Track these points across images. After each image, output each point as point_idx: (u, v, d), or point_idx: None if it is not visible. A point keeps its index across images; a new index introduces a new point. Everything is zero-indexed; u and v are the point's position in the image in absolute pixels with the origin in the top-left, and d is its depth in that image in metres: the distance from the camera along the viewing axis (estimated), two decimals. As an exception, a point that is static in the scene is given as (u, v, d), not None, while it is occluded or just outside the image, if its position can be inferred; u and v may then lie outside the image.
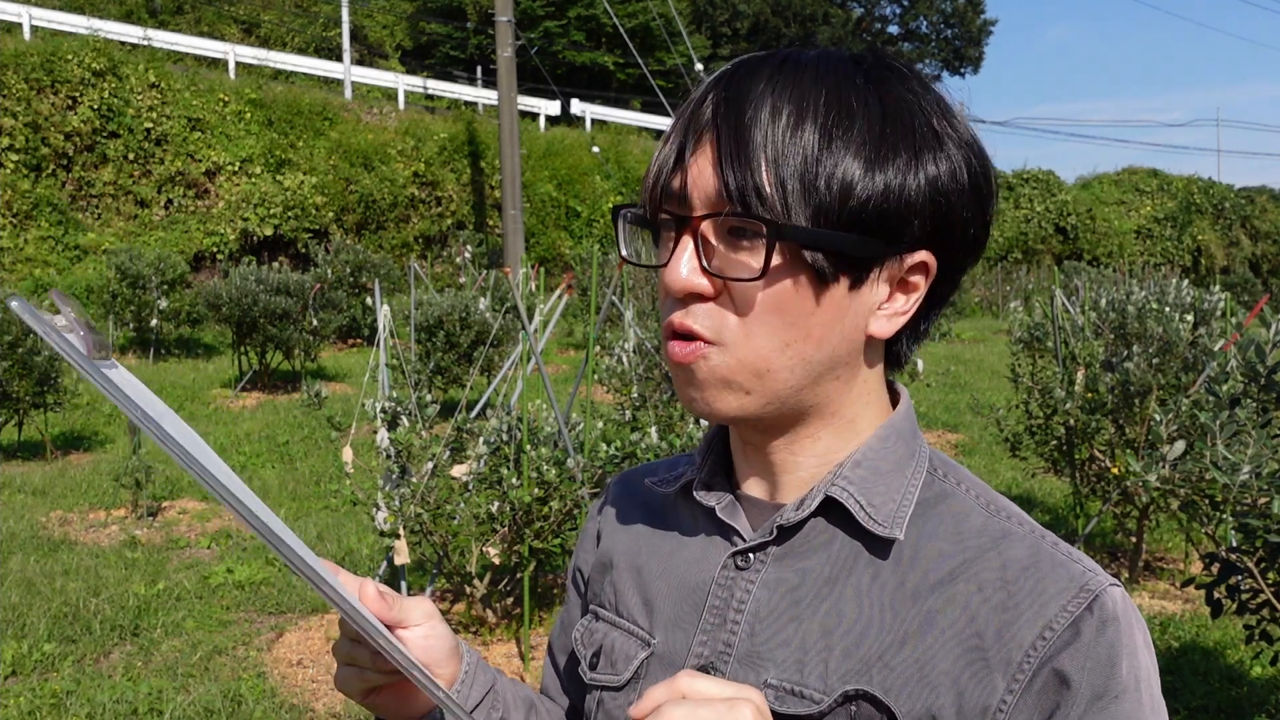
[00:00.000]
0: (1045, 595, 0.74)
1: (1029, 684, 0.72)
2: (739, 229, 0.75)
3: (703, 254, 0.77)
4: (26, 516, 6.59)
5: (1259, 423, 2.92)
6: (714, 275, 0.76)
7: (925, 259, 0.78)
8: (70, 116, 16.21)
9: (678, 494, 0.92)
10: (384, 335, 5.04)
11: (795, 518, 0.81)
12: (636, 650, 0.88)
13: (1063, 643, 0.72)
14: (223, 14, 25.94)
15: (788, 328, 0.76)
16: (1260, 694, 4.16)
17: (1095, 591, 0.74)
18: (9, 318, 8.16)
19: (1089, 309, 6.57)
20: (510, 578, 4.78)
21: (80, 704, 4.01)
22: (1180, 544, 6.02)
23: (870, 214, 0.74)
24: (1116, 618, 0.74)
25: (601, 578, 0.96)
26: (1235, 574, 2.95)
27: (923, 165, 0.76)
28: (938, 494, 0.82)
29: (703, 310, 0.77)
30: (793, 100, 0.75)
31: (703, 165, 0.76)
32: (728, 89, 0.77)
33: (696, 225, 0.77)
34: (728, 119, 0.75)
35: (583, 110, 25.85)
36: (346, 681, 0.84)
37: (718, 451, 0.91)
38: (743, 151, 0.74)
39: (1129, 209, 31.72)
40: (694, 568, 0.87)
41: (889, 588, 0.78)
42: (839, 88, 0.75)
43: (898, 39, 45.82)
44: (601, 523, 1.01)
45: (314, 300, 12.12)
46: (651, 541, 0.93)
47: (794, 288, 0.76)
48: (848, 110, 0.75)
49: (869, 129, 0.74)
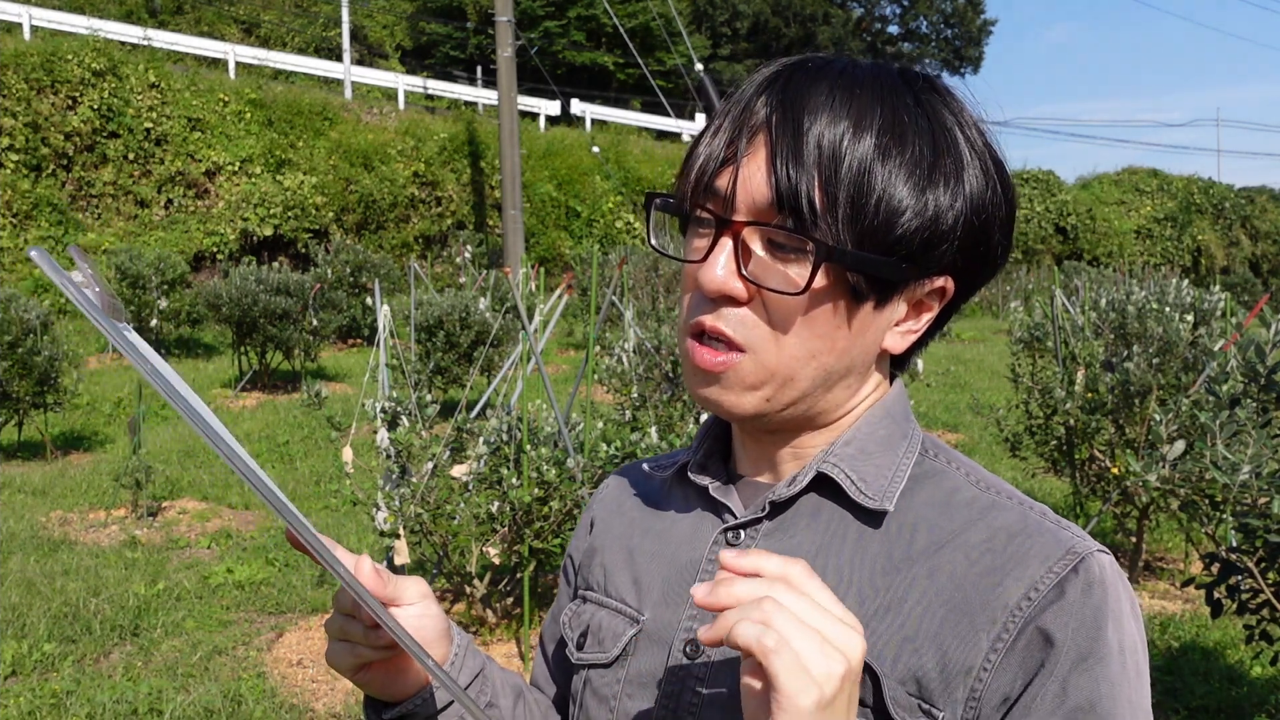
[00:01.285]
0: (1030, 557, 0.75)
1: (1013, 643, 0.73)
2: (781, 242, 0.76)
3: (740, 258, 0.77)
4: (26, 516, 6.59)
5: (1259, 423, 2.92)
6: (751, 282, 0.77)
7: (945, 285, 0.81)
8: (70, 116, 16.21)
9: (673, 478, 0.94)
10: (384, 335, 5.04)
11: (787, 493, 0.82)
12: (625, 628, 0.89)
13: (1047, 602, 0.73)
14: (223, 14, 25.93)
15: (816, 340, 0.78)
16: (1260, 694, 4.16)
17: (1081, 554, 0.74)
18: (9, 317, 8.16)
19: (1089, 309, 6.57)
20: (510, 578, 4.78)
21: (80, 704, 4.01)
22: (1180, 544, 6.02)
23: (909, 241, 0.76)
24: (1104, 581, 0.74)
25: (591, 561, 0.98)
26: (1235, 574, 2.95)
27: (962, 194, 0.77)
28: (928, 471, 0.83)
29: (735, 315, 0.78)
30: (851, 116, 0.75)
31: (753, 169, 0.76)
32: (784, 94, 0.77)
33: (739, 230, 0.76)
34: (784, 126, 0.75)
35: (583, 110, 25.85)
36: (338, 656, 0.84)
37: (715, 436, 0.92)
38: (799, 163, 0.74)
39: (1129, 209, 31.71)
40: (685, 546, 0.88)
41: (878, 558, 0.79)
42: (895, 109, 0.76)
43: (898, 39, 45.80)
44: (595, 511, 1.02)
45: (314, 300, 12.12)
46: (644, 523, 0.94)
47: (829, 305, 0.77)
48: (901, 133, 0.75)
49: (919, 155, 0.75)
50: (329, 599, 5.20)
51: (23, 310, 8.32)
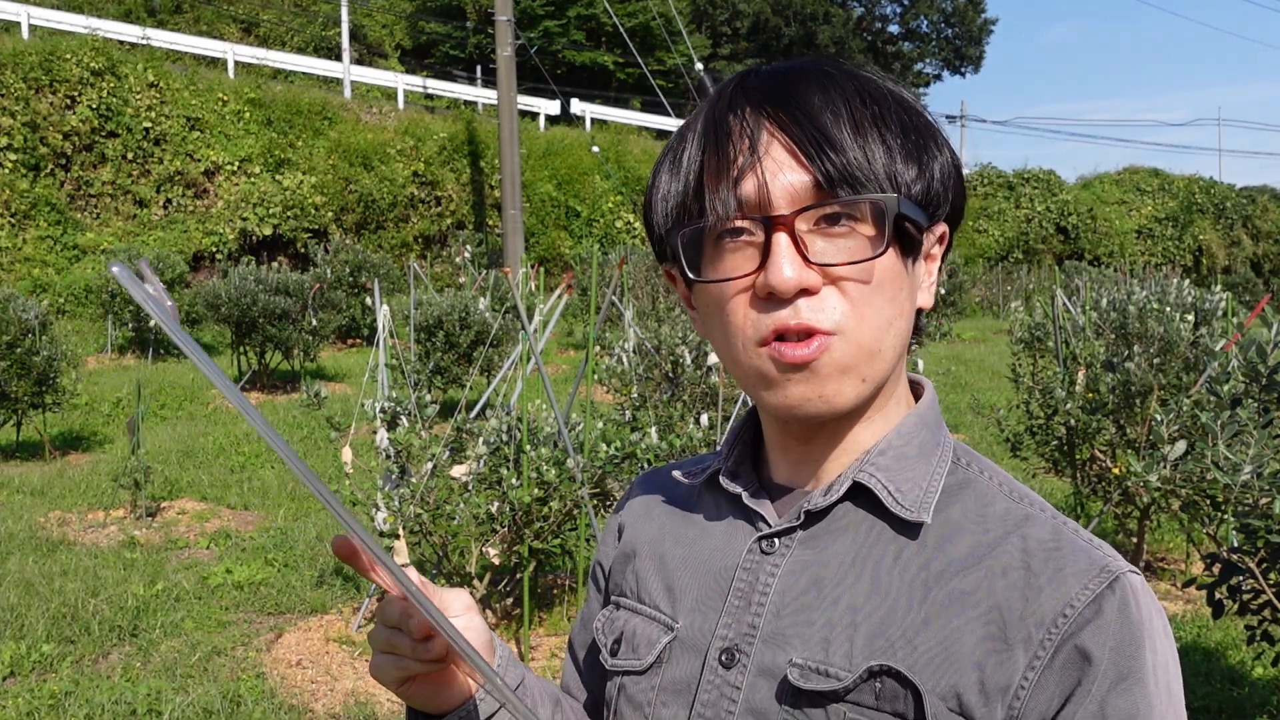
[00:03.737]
0: (1066, 575, 0.75)
1: (1050, 660, 0.72)
2: (834, 215, 0.76)
3: (802, 248, 0.76)
4: (25, 517, 6.58)
5: (1260, 423, 2.91)
6: (824, 266, 0.76)
7: (944, 231, 0.84)
8: (69, 116, 16.20)
9: (703, 485, 0.94)
10: (384, 335, 5.03)
11: (823, 503, 0.82)
12: (659, 635, 0.89)
13: (1084, 620, 0.72)
14: (222, 13, 25.93)
15: (889, 305, 0.78)
16: (1261, 695, 4.15)
17: (1116, 573, 0.74)
18: (8, 317, 8.15)
19: (1090, 309, 6.56)
20: (510, 578, 4.77)
21: (79, 705, 4.00)
22: (1181, 544, 6.01)
23: (932, 191, 0.79)
24: (1139, 602, 0.74)
25: (623, 568, 0.98)
26: (1236, 574, 2.95)
27: (943, 147, 0.82)
28: (961, 481, 0.83)
29: (814, 305, 0.76)
30: (838, 87, 0.78)
31: (778, 163, 0.76)
32: (762, 96, 0.78)
33: (791, 222, 0.76)
34: (792, 115, 0.76)
35: (583, 110, 25.85)
36: (383, 669, 0.83)
37: (745, 442, 0.92)
38: (830, 140, 0.75)
39: (1130, 209, 31.72)
40: (718, 554, 0.88)
41: (913, 570, 0.79)
42: (864, 82, 0.80)
43: (898, 39, 45.81)
44: (624, 518, 1.02)
45: (313, 300, 12.11)
46: (675, 530, 0.94)
47: (891, 267, 0.78)
48: (882, 99, 0.79)
49: (904, 116, 0.79)
50: (328, 600, 5.20)
51: (21, 310, 8.31)
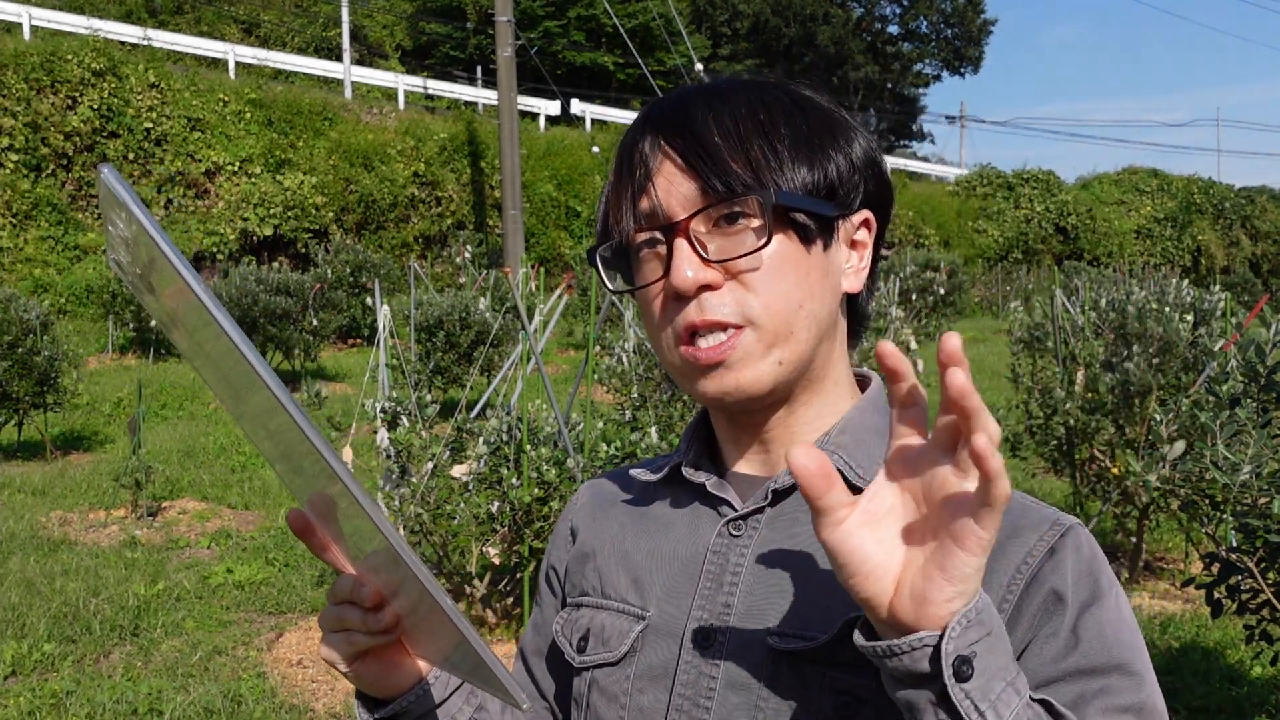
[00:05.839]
0: (1023, 529, 0.81)
1: (1018, 604, 0.78)
2: (731, 215, 0.82)
3: (698, 249, 0.82)
4: (26, 516, 6.59)
5: (1259, 423, 2.91)
6: (719, 262, 0.82)
7: (868, 216, 0.89)
8: (70, 116, 16.20)
9: (662, 480, 0.96)
10: (384, 335, 5.04)
11: (789, 481, 0.86)
12: (630, 625, 0.90)
13: (1044, 564, 0.79)
14: (223, 14, 25.94)
15: (796, 288, 0.83)
16: (1260, 694, 4.15)
17: (1067, 525, 0.81)
18: (9, 317, 8.15)
19: (1089, 309, 6.57)
20: (510, 578, 4.78)
21: (80, 704, 4.01)
22: (1180, 544, 6.02)
23: (831, 181, 0.84)
24: (1090, 544, 0.81)
25: (581, 568, 0.98)
26: (1235, 574, 2.95)
27: (852, 143, 0.87)
28: None
29: (717, 299, 0.82)
30: (728, 105, 0.84)
31: (669, 178, 0.83)
32: (658, 123, 0.85)
33: (686, 226, 0.82)
34: (680, 134, 0.83)
35: (583, 110, 25.85)
36: (333, 646, 0.84)
37: (702, 439, 0.96)
38: (709, 150, 0.82)
39: (1129, 209, 31.72)
40: (685, 542, 0.91)
41: None
42: (758, 92, 0.86)
43: (898, 39, 45.81)
44: (575, 521, 1.03)
45: (314, 300, 12.12)
46: (637, 525, 0.96)
47: (790, 253, 0.83)
48: (774, 108, 0.85)
49: (799, 121, 0.85)
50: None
51: (22, 310, 8.31)
